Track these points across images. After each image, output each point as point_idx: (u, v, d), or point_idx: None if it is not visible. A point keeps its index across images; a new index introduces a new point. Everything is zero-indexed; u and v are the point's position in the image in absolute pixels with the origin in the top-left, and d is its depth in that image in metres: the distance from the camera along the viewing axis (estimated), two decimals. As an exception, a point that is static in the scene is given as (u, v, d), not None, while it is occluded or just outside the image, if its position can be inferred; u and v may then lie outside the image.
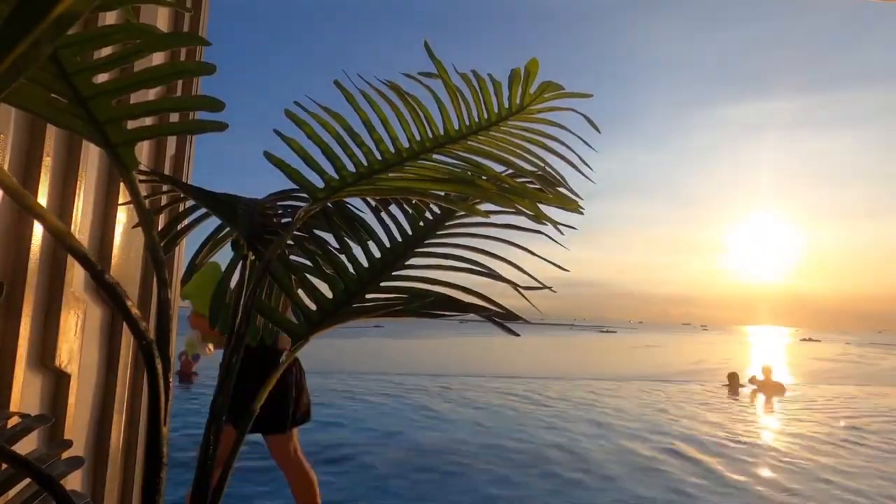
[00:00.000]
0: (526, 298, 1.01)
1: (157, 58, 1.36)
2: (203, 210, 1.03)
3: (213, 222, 1.04)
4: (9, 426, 0.86)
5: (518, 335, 1.00)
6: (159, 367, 0.75)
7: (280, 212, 1.06)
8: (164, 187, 1.29)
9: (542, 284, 1.02)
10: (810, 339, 65.68)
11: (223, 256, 1.07)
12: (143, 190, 0.80)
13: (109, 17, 1.15)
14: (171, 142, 1.67)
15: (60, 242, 0.67)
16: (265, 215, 1.01)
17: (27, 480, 0.84)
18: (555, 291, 1.07)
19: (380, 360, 19.38)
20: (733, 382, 13.63)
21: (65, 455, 0.88)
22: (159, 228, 1.01)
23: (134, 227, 0.98)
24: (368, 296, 0.98)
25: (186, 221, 1.04)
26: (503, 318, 0.96)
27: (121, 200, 1.36)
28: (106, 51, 0.78)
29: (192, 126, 0.76)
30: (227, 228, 1.05)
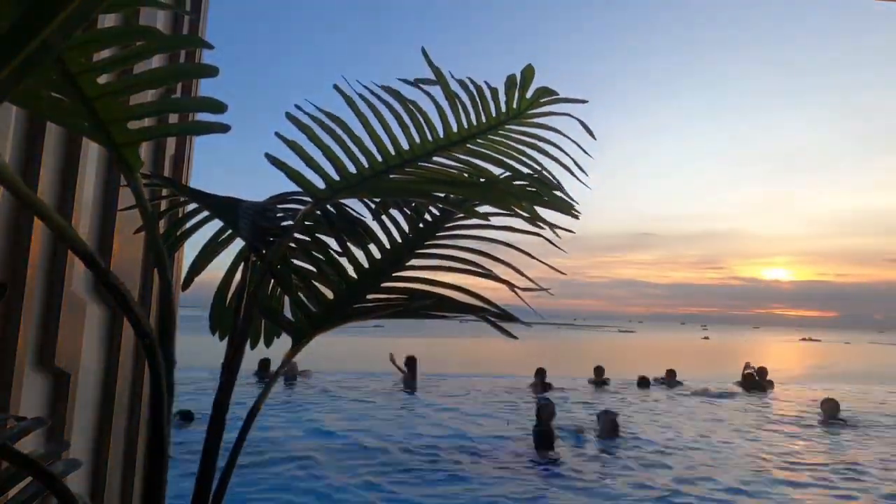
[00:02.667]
0: (522, 300, 1.02)
1: (156, 59, 1.36)
2: (205, 213, 1.03)
3: (215, 224, 1.04)
4: (8, 427, 0.86)
5: (516, 337, 1.00)
6: (162, 366, 0.75)
7: (281, 214, 1.06)
8: (165, 190, 1.29)
9: (539, 286, 1.03)
10: (810, 339, 65.03)
11: (226, 258, 1.07)
12: (144, 191, 0.81)
13: (108, 19, 1.16)
14: (171, 142, 1.67)
15: (66, 243, 0.67)
16: (266, 217, 1.01)
17: (27, 480, 0.84)
18: (552, 294, 1.08)
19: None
20: None
21: (64, 455, 0.88)
22: (161, 231, 1.01)
23: (136, 231, 0.98)
24: (369, 296, 0.99)
25: (188, 224, 1.05)
26: (500, 319, 0.97)
27: (120, 201, 1.36)
28: (105, 53, 0.78)
29: (196, 127, 0.77)
30: (229, 231, 1.05)
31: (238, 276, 1.04)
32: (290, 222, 1.04)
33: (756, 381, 13.94)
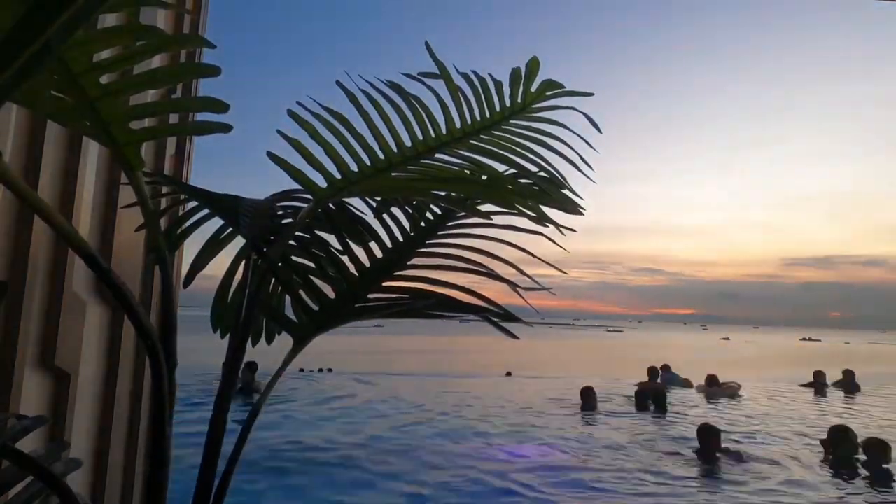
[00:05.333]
0: (524, 300, 1.01)
1: (157, 59, 1.36)
2: (206, 211, 1.03)
3: (216, 222, 1.04)
4: (9, 426, 0.86)
5: (517, 337, 1.00)
6: (163, 366, 0.75)
7: (282, 212, 1.06)
8: (165, 188, 1.29)
9: (541, 286, 1.03)
10: (810, 339, 64.28)
11: (226, 257, 1.06)
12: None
13: (109, 19, 1.15)
14: (171, 141, 1.67)
15: (67, 242, 0.67)
16: (268, 216, 1.01)
17: (27, 480, 0.84)
18: (554, 294, 1.08)
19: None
20: None
21: (64, 455, 0.88)
22: (162, 229, 1.01)
23: (138, 229, 0.98)
24: (371, 296, 0.99)
25: (189, 223, 1.04)
26: (501, 319, 0.97)
27: (120, 200, 1.36)
28: (105, 53, 0.78)
29: (197, 127, 0.77)
30: (230, 229, 1.05)
31: (239, 274, 1.04)
32: (292, 220, 1.04)
33: None
